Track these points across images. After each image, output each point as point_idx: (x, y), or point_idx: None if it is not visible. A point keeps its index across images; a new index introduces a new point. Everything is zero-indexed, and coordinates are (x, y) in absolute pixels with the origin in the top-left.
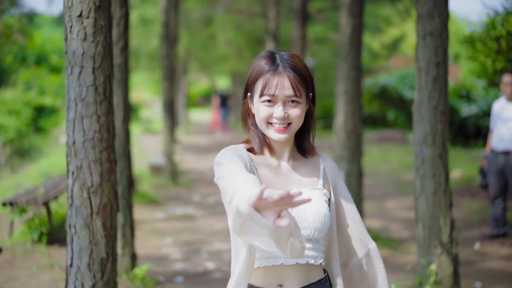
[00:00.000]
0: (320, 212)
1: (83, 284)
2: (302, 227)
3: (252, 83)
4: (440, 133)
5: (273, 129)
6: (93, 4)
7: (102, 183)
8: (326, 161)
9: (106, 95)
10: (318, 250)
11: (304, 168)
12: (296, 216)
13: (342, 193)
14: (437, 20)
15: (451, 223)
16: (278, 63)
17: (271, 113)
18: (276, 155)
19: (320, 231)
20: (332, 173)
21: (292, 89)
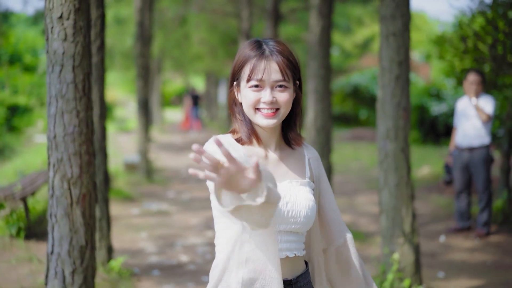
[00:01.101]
0: (308, 206)
1: (64, 270)
2: (294, 222)
3: (238, 70)
4: (402, 129)
5: (261, 114)
6: (72, 7)
7: (81, 175)
8: (310, 151)
9: (85, 92)
10: (302, 242)
11: (291, 159)
12: (290, 211)
13: (323, 183)
14: (399, 21)
15: (413, 214)
16: (265, 48)
17: (259, 98)
18: (264, 144)
19: (308, 225)
20: (316, 164)
21: (280, 73)
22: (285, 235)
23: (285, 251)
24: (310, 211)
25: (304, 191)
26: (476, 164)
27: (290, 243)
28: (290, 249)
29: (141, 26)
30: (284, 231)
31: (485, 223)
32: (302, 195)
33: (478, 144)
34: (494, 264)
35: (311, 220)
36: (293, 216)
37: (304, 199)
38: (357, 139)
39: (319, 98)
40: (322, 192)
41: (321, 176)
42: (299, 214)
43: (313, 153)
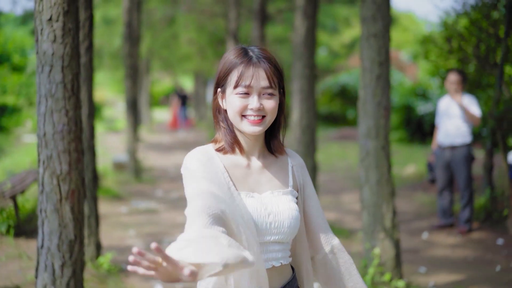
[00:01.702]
0: (292, 216)
1: (53, 264)
2: (278, 232)
3: (224, 76)
4: (383, 127)
5: (248, 121)
6: (61, 9)
7: (70, 172)
8: (294, 159)
9: (74, 92)
10: (288, 250)
11: (274, 167)
12: (274, 222)
13: (308, 191)
14: (380, 23)
15: (393, 210)
16: (251, 55)
17: (246, 104)
18: (246, 153)
19: (292, 234)
20: (300, 172)
21: (267, 80)
22: (271, 245)
23: (271, 261)
24: (294, 221)
25: (287, 200)
26: (457, 162)
27: (275, 253)
28: (276, 258)
29: (129, 27)
30: (269, 242)
31: (467, 220)
32: (284, 205)
33: (459, 142)
34: (475, 260)
35: (295, 230)
36: (276, 227)
37: (287, 209)
38: (345, 138)
39: (304, 98)
40: (306, 199)
41: (306, 184)
42: (282, 225)
43: (297, 160)
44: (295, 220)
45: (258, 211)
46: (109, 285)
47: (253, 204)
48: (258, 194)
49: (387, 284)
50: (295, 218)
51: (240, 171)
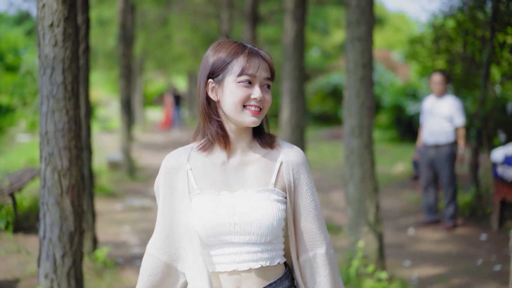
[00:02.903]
0: (267, 216)
1: (55, 253)
2: (246, 233)
3: (223, 65)
4: (367, 126)
5: (249, 111)
6: (62, 16)
7: (70, 167)
8: (289, 155)
9: (74, 92)
10: (273, 250)
11: (257, 164)
12: (239, 223)
13: (301, 190)
14: (364, 27)
15: (377, 205)
16: (251, 47)
17: (249, 94)
18: (231, 148)
19: (269, 235)
20: (291, 169)
21: (269, 72)
22: (244, 247)
23: (247, 263)
24: (267, 221)
25: (262, 199)
26: (441, 161)
27: (252, 254)
28: (253, 260)
29: (124, 28)
30: (240, 242)
31: (452, 216)
32: (256, 204)
33: (444, 141)
34: (458, 254)
35: (270, 230)
36: (242, 228)
37: (257, 209)
38: (336, 137)
39: (294, 98)
40: (298, 199)
41: (299, 183)
42: (250, 226)
43: (291, 156)
44: (269, 220)
45: (219, 211)
46: (105, 277)
47: (214, 204)
48: (229, 193)
49: (371, 275)
50: (271, 218)
51: (213, 170)
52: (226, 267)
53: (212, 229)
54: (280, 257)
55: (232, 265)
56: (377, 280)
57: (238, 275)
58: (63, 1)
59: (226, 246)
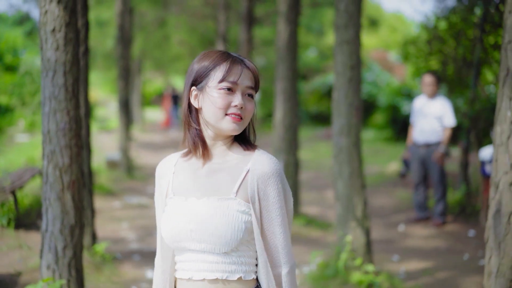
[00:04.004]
0: (222, 225)
1: (56, 246)
2: (201, 240)
3: (205, 73)
4: (355, 126)
5: (230, 118)
6: (63, 21)
7: (71, 164)
8: (256, 163)
9: (74, 94)
10: (233, 264)
11: (225, 172)
12: (195, 229)
13: (267, 204)
14: (352, 30)
15: (364, 201)
16: (236, 56)
17: (230, 101)
18: (208, 155)
19: (225, 246)
20: (256, 179)
21: (252, 81)
22: (201, 255)
23: (202, 272)
24: (221, 231)
25: (221, 207)
26: (432, 159)
27: (208, 264)
28: (209, 270)
29: (122, 29)
30: (197, 250)
31: (441, 214)
32: (214, 212)
33: (434, 140)
34: (446, 249)
35: (225, 240)
36: (198, 235)
37: (213, 217)
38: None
39: (287, 98)
40: (263, 213)
41: (265, 196)
42: (204, 234)
43: (259, 166)
44: (225, 230)
45: (181, 217)
46: (104, 271)
47: (180, 209)
48: (195, 199)
49: (358, 268)
50: (225, 228)
51: (189, 176)
52: (184, 274)
53: (172, 233)
54: (244, 272)
55: (189, 272)
56: (364, 273)
57: (194, 284)
58: (65, 8)
59: (186, 252)
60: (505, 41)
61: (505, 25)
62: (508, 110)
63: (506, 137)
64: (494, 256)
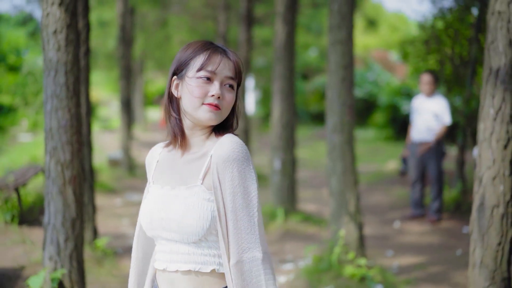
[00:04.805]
0: (190, 213)
1: (58, 238)
2: (170, 229)
3: (184, 62)
4: (347, 124)
5: (207, 107)
6: (65, 23)
7: (72, 160)
8: (217, 148)
9: (75, 92)
10: (204, 255)
11: (196, 161)
12: (165, 218)
13: (225, 189)
14: (344, 31)
15: (357, 197)
16: (219, 45)
17: (207, 91)
18: (186, 145)
19: (192, 235)
20: (215, 164)
21: (233, 71)
22: (175, 245)
23: (176, 263)
24: (188, 220)
25: (189, 196)
26: (429, 158)
27: (181, 255)
28: (182, 261)
29: (123, 30)
30: (170, 239)
31: (437, 211)
32: (181, 201)
33: (431, 139)
34: (440, 245)
35: (190, 229)
36: (167, 224)
37: (180, 206)
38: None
39: (284, 97)
40: (224, 198)
41: (223, 181)
42: (172, 222)
43: (220, 150)
44: (190, 219)
45: (154, 204)
46: (105, 265)
47: (155, 197)
48: (170, 188)
49: (351, 262)
50: (191, 217)
51: (168, 164)
52: (160, 265)
53: (148, 221)
54: (217, 264)
55: (164, 263)
56: (357, 266)
57: (168, 275)
58: (66, 10)
59: (162, 242)
60: (488, 41)
61: (488, 26)
62: (491, 108)
63: (489, 134)
64: (478, 248)
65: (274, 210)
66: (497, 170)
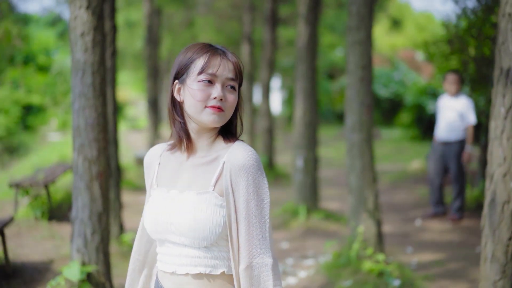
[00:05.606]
0: (202, 219)
1: (85, 231)
2: (179, 233)
3: (185, 66)
4: (366, 122)
5: (210, 110)
6: (91, 26)
7: (99, 156)
8: (231, 155)
9: (102, 92)
10: (215, 258)
11: (208, 164)
12: (174, 222)
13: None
14: (363, 32)
15: (376, 194)
16: (218, 47)
17: (209, 93)
18: (192, 148)
19: (204, 240)
20: (229, 171)
21: (233, 73)
22: (184, 249)
23: (185, 266)
24: (200, 225)
25: (200, 202)
26: (450, 157)
27: (190, 259)
28: (192, 264)
29: (150, 30)
30: (179, 243)
31: (458, 209)
32: (192, 206)
33: (453, 138)
34: (459, 243)
35: (203, 235)
36: (176, 228)
37: (192, 211)
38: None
39: (307, 97)
40: (237, 204)
41: (237, 188)
42: (183, 227)
43: (233, 157)
44: (203, 224)
45: (162, 208)
46: None
47: (162, 200)
48: (177, 192)
49: (370, 257)
50: (203, 222)
51: (173, 168)
52: (167, 268)
53: (153, 225)
54: (227, 266)
55: (173, 266)
56: (375, 262)
57: (177, 278)
58: (93, 13)
59: (169, 245)
60: (499, 42)
61: (499, 28)
62: (502, 107)
63: (500, 132)
64: (489, 243)
65: (296, 208)
66: (507, 167)
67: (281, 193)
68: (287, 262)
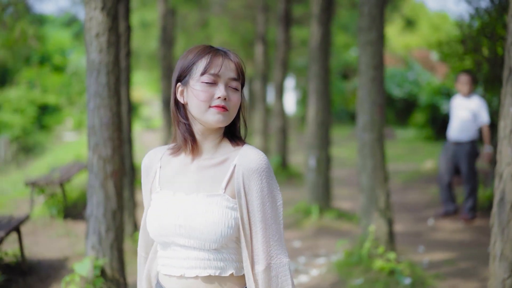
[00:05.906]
0: (211, 222)
1: (100, 228)
2: (189, 236)
3: (188, 67)
4: (377, 122)
5: (215, 109)
6: (106, 27)
7: (113, 155)
8: (242, 158)
9: (116, 92)
10: (224, 260)
11: (215, 168)
12: (184, 225)
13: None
14: (375, 32)
15: (387, 193)
16: (219, 48)
17: (213, 94)
18: (197, 150)
19: (214, 243)
20: (241, 174)
21: (235, 72)
22: (192, 252)
23: (195, 269)
24: (211, 227)
25: (210, 204)
26: (461, 157)
27: (199, 261)
28: (201, 267)
29: (165, 31)
30: (187, 246)
31: (470, 209)
32: (203, 209)
33: (465, 139)
34: (471, 242)
35: (214, 237)
36: (186, 231)
37: (203, 214)
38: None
39: (319, 96)
40: (249, 207)
41: (249, 191)
42: (193, 230)
43: (245, 160)
44: (214, 227)
45: (168, 211)
46: None
47: (167, 203)
48: (184, 195)
49: (381, 256)
50: (214, 225)
51: (177, 171)
52: (175, 271)
53: (159, 228)
54: (235, 268)
55: (181, 269)
56: (386, 260)
57: (186, 282)
58: (107, 14)
59: (176, 249)
60: (508, 43)
61: (508, 28)
62: (511, 106)
63: (509, 131)
64: (498, 241)
65: (309, 207)
66: None
67: (294, 193)
68: (299, 260)
